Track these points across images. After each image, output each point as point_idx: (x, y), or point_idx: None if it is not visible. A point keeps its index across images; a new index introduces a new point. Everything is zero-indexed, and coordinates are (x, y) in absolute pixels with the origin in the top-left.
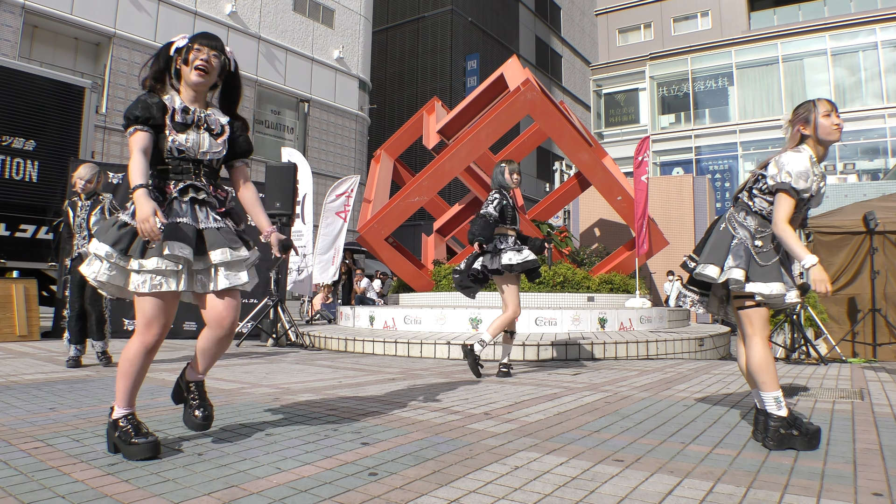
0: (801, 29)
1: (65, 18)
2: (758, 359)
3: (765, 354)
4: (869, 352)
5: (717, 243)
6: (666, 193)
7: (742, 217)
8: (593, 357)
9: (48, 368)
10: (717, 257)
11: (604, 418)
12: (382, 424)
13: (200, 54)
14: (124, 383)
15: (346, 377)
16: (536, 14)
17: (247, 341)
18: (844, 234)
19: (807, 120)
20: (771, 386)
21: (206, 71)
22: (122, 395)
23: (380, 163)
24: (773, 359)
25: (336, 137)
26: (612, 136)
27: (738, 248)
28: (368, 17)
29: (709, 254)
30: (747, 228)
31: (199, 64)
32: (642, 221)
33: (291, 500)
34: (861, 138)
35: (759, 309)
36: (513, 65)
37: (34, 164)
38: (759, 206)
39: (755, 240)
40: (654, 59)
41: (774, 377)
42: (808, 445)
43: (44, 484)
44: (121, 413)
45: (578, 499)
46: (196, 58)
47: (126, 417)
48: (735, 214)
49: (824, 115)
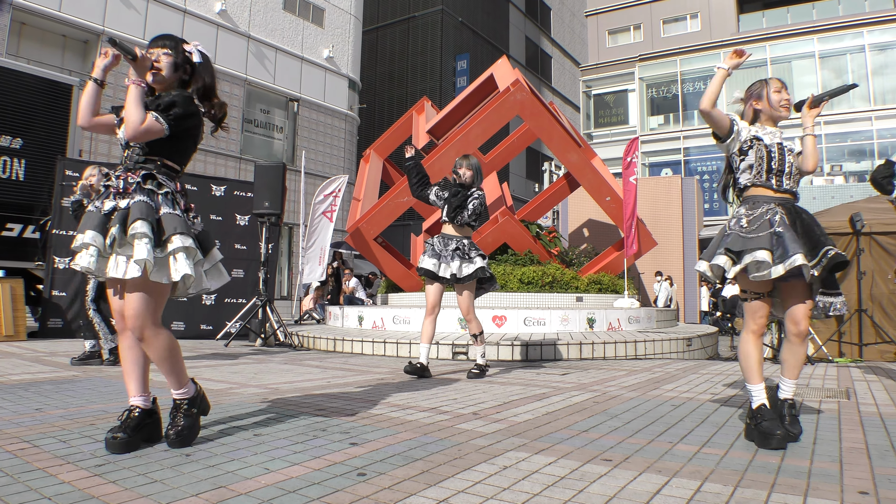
0: (789, 31)
1: (53, 16)
2: (739, 352)
3: (743, 349)
4: (855, 352)
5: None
6: (654, 194)
7: (736, 209)
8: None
9: (35, 369)
10: (707, 254)
11: (592, 418)
12: (371, 424)
13: (151, 57)
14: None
15: (335, 377)
16: (526, 15)
17: (235, 341)
18: (831, 234)
19: (759, 96)
20: (747, 379)
21: (158, 70)
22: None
23: (369, 162)
24: (753, 353)
25: (325, 137)
26: (602, 137)
27: (718, 238)
28: (359, 16)
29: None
30: (736, 216)
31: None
32: (631, 222)
33: (280, 500)
34: (848, 140)
35: (747, 303)
36: (503, 65)
37: (21, 163)
38: (743, 178)
39: (741, 220)
40: (644, 60)
41: (750, 371)
42: (761, 443)
43: (30, 486)
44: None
45: (567, 498)
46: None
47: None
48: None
49: (775, 91)
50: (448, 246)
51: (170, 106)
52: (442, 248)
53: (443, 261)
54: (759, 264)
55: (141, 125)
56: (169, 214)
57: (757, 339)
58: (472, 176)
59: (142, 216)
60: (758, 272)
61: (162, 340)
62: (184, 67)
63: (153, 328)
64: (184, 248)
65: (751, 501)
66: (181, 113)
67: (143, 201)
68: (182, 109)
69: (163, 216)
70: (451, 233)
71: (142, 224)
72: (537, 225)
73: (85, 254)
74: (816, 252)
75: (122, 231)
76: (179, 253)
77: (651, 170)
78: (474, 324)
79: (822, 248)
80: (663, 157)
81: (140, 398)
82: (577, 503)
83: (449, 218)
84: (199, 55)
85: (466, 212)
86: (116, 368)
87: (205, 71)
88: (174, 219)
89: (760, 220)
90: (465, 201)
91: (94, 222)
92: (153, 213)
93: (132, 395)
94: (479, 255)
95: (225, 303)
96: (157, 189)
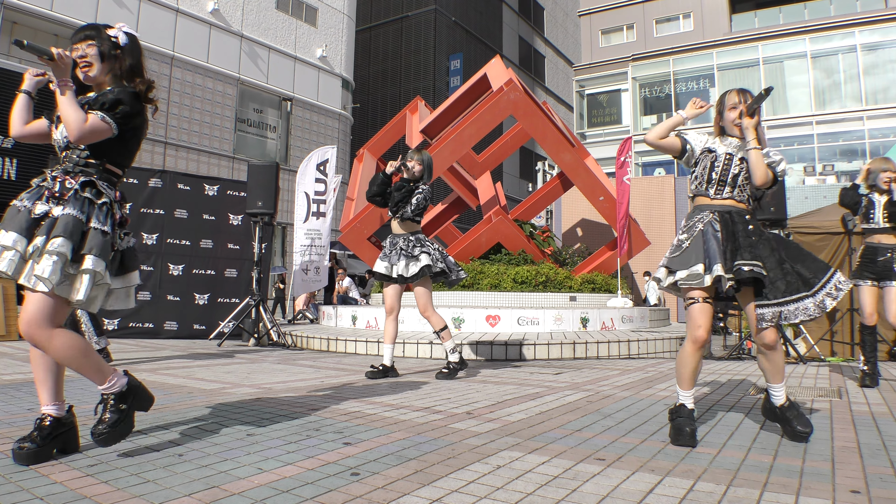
0: (781, 31)
1: (45, 14)
2: (677, 357)
3: (680, 356)
4: (847, 351)
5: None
6: (647, 194)
7: None
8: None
9: (27, 368)
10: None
11: (585, 417)
12: (364, 424)
13: (77, 52)
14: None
15: (329, 377)
16: (520, 14)
17: (228, 341)
18: (824, 234)
19: (720, 112)
20: (678, 383)
21: (88, 64)
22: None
23: (363, 162)
24: (689, 363)
25: (319, 136)
26: (595, 137)
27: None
28: (352, 15)
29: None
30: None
31: (79, 62)
32: (624, 221)
33: (273, 500)
34: (840, 140)
35: (688, 310)
36: (496, 65)
37: (12, 162)
38: (690, 188)
39: (681, 231)
40: (637, 60)
41: (682, 379)
42: (674, 439)
43: (22, 486)
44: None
45: (560, 498)
46: (76, 57)
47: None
48: None
49: (730, 109)
50: (395, 245)
51: (115, 104)
52: (390, 248)
53: (390, 262)
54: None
55: (84, 124)
56: (94, 231)
57: (696, 350)
58: (421, 170)
59: (65, 233)
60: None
61: (60, 341)
62: (112, 54)
63: (46, 331)
64: (92, 271)
65: (743, 500)
66: (128, 111)
67: (72, 216)
68: (129, 107)
69: (89, 230)
70: (397, 230)
71: (62, 243)
72: (531, 224)
73: (4, 258)
74: (732, 264)
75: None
76: (86, 275)
77: (644, 169)
78: (434, 319)
79: (737, 262)
80: (656, 156)
81: (52, 406)
82: (571, 502)
83: (392, 213)
84: (124, 37)
85: (410, 206)
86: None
87: (131, 51)
88: (96, 236)
89: (694, 230)
90: (410, 196)
91: (20, 224)
92: (81, 228)
93: (44, 403)
94: (425, 251)
95: (218, 303)
96: (96, 198)
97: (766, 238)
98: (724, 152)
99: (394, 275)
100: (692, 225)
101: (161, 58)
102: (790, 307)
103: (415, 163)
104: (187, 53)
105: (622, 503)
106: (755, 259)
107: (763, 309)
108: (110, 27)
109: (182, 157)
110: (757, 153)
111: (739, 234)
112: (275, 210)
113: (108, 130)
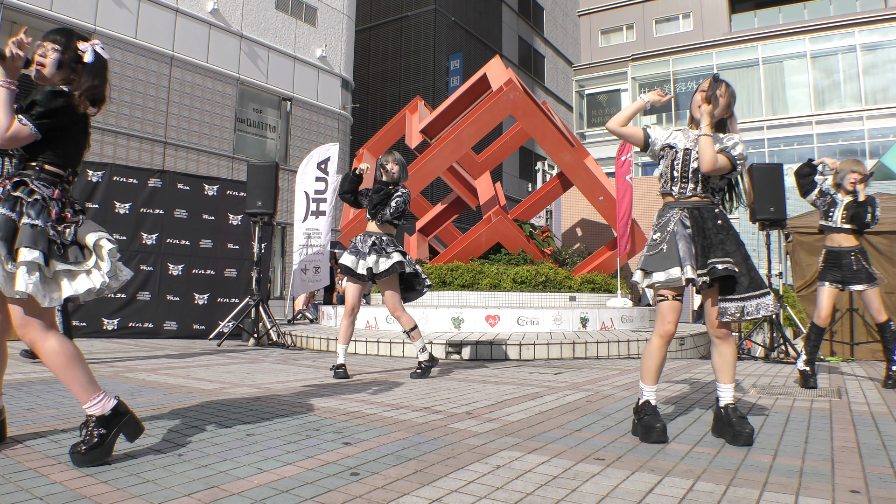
0: (781, 31)
1: (45, 14)
2: (644, 351)
3: (647, 349)
4: (847, 351)
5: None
6: (647, 194)
7: None
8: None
9: (26, 369)
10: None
11: (585, 417)
12: (364, 424)
13: (39, 50)
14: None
15: (328, 377)
16: (519, 14)
17: (228, 341)
18: None
19: (694, 100)
20: (642, 378)
21: (42, 65)
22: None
23: (362, 162)
24: (655, 356)
25: (319, 136)
26: (595, 137)
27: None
28: (351, 15)
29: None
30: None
31: (35, 59)
32: (625, 221)
33: (273, 500)
34: (839, 140)
35: (658, 306)
36: (496, 65)
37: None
38: (659, 186)
39: (654, 232)
40: (636, 60)
41: (647, 372)
42: (644, 437)
43: (21, 486)
44: None
45: (560, 497)
46: (38, 54)
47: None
48: None
49: (700, 92)
50: (367, 241)
51: (30, 106)
52: (361, 244)
53: (360, 257)
54: (670, 279)
55: (6, 132)
56: (24, 226)
57: (663, 344)
58: (398, 171)
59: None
60: (666, 283)
61: (50, 346)
62: (71, 66)
63: (41, 333)
64: (26, 262)
65: (743, 500)
66: (42, 111)
67: (3, 215)
68: (43, 107)
69: (21, 226)
70: (373, 230)
71: None
72: (530, 224)
73: None
74: (706, 261)
75: None
76: (21, 267)
77: (644, 169)
78: (404, 319)
79: (711, 259)
80: None
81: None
82: (571, 502)
83: (370, 215)
84: (92, 55)
85: (389, 209)
86: (110, 368)
87: (93, 72)
88: (26, 230)
89: (665, 230)
90: (388, 199)
91: None
92: (13, 226)
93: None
94: (398, 250)
95: (218, 303)
96: (27, 197)
97: (732, 234)
98: (682, 147)
99: (359, 271)
100: (663, 224)
101: (160, 58)
102: (752, 303)
103: (392, 164)
104: (187, 53)
105: (622, 503)
106: (726, 256)
107: (727, 303)
108: (85, 40)
109: (182, 156)
110: (705, 139)
111: (710, 231)
112: (274, 210)
113: (30, 135)
